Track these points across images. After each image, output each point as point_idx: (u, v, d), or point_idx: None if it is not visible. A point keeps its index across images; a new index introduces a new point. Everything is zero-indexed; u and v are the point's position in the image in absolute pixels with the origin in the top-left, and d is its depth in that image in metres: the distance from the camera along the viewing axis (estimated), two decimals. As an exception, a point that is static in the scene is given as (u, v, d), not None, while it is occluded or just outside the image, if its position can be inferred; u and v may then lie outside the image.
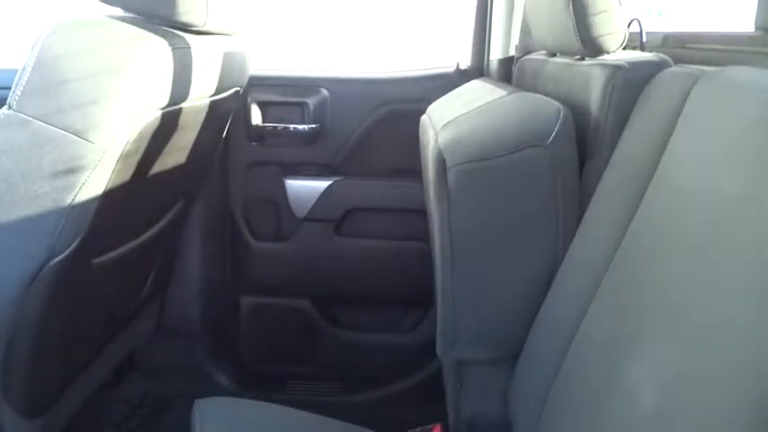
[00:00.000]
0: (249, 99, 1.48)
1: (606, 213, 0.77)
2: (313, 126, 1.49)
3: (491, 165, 0.84)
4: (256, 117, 1.50)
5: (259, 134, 1.50)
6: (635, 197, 0.72)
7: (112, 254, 1.02)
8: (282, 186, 1.51)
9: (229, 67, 1.17)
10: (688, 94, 0.69)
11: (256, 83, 1.47)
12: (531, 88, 1.11)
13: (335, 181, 1.50)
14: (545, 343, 0.81)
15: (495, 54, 1.49)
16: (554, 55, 1.13)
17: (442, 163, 0.85)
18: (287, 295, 1.55)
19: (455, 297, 0.86)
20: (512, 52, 1.47)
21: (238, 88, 1.28)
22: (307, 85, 1.51)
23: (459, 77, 1.49)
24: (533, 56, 1.27)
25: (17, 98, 0.85)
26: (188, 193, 1.33)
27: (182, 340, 1.50)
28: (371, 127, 1.50)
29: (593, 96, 0.87)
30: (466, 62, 1.55)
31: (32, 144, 0.86)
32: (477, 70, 1.53)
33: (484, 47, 1.52)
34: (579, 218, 0.84)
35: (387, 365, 1.55)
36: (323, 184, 1.50)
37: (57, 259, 0.86)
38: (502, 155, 0.84)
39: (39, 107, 0.86)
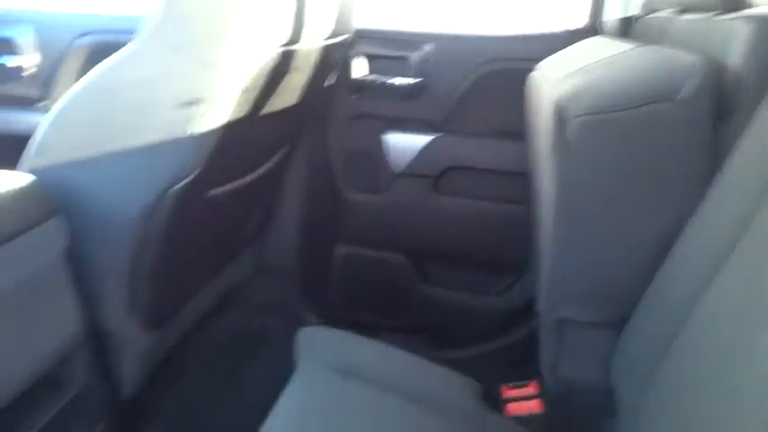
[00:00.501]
0: (353, 51, 1.48)
1: (744, 176, 0.72)
2: (416, 81, 1.47)
3: (615, 117, 0.79)
4: (360, 70, 1.50)
5: (361, 87, 1.51)
6: None
7: (224, 188, 1.05)
8: (382, 140, 1.51)
9: (342, 13, 1.17)
10: None
11: (361, 36, 1.47)
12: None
13: (436, 137, 1.48)
14: (660, 308, 0.77)
15: (612, 13, 1.41)
16: (683, 13, 1.06)
17: (562, 113, 0.81)
18: (380, 248, 1.57)
19: (565, 253, 0.84)
20: (631, 11, 1.39)
21: (348, 36, 1.29)
22: (411, 40, 1.49)
23: (571, 37, 1.42)
24: (657, 14, 1.19)
25: (145, 34, 0.88)
26: (292, 139, 1.36)
27: (276, 281, 1.55)
28: (475, 85, 1.47)
29: (735, 51, 0.80)
30: (577, 22, 1.48)
31: (158, 76, 0.89)
32: (591, 30, 1.46)
33: (600, 5, 1.44)
34: (710, 178, 0.79)
35: (474, 326, 1.55)
36: (423, 140, 1.49)
37: (177, 187, 0.90)
38: (627, 108, 0.79)
39: (165, 42, 0.89)
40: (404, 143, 1.50)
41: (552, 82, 0.93)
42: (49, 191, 0.86)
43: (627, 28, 1.36)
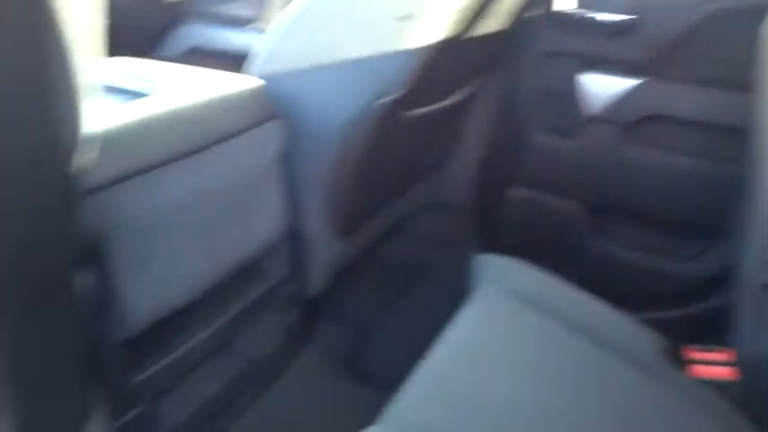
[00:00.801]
0: None
1: None
2: (625, 18, 1.36)
3: None
4: (561, 2, 1.42)
5: (564, 21, 1.43)
6: None
7: (420, 111, 1.07)
8: (578, 80, 1.43)
9: None
10: None
11: None
12: None
13: (640, 81, 1.37)
14: None
15: None
16: None
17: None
18: (559, 194, 1.51)
19: None
20: None
21: None
22: None
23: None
24: None
25: None
26: (485, 71, 1.34)
27: (451, 214, 1.57)
28: (695, 25, 1.32)
29: None
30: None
31: None
32: None
33: None
34: None
35: (650, 291, 1.45)
36: (624, 83, 1.38)
37: (380, 101, 0.93)
38: None
39: None
40: (602, 85, 1.41)
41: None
42: (271, 96, 0.93)
43: None
